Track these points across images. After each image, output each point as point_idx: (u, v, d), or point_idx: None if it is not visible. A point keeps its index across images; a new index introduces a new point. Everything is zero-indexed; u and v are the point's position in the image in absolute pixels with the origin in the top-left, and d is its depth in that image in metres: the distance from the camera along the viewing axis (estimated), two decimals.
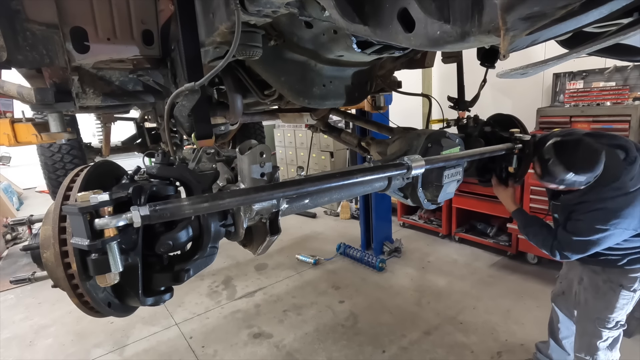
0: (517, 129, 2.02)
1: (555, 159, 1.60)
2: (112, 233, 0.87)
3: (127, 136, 3.59)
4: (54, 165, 2.68)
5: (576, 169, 1.57)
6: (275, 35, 1.40)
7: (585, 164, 1.57)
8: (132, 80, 1.61)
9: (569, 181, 1.60)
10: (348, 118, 2.81)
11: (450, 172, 1.63)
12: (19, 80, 1.46)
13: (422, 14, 0.64)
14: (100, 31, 1.22)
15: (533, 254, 3.72)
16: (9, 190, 6.83)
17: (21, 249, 1.13)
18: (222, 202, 1.02)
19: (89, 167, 1.03)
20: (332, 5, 0.73)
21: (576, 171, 1.57)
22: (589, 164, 1.56)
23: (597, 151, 1.57)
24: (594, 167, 1.56)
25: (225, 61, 1.02)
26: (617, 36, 0.60)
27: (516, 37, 0.50)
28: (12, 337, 3.09)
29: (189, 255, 1.16)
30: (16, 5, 1.05)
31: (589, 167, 1.56)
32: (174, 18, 1.24)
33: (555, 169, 1.61)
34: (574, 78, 3.77)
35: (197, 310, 3.33)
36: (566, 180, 1.60)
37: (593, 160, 1.56)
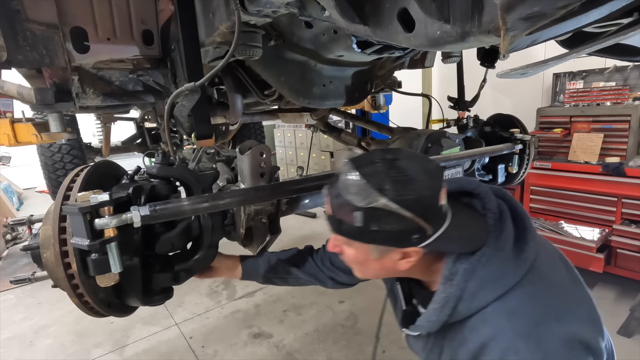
0: (517, 129, 2.02)
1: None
2: (112, 233, 0.88)
3: (127, 136, 3.59)
4: (54, 165, 2.68)
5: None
6: (275, 35, 1.40)
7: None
8: (132, 80, 1.61)
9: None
10: (348, 118, 2.82)
11: (450, 172, 1.63)
12: (19, 80, 1.46)
13: (422, 14, 0.64)
14: (100, 31, 1.22)
15: None
16: (9, 190, 6.83)
17: (21, 249, 1.13)
18: (222, 202, 1.02)
19: (89, 167, 1.03)
20: (332, 5, 0.73)
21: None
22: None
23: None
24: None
25: (225, 61, 1.02)
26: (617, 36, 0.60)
27: (516, 37, 0.50)
28: (12, 337, 3.09)
29: (189, 255, 1.16)
30: (16, 5, 1.04)
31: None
32: (174, 18, 1.24)
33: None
34: (574, 78, 3.77)
35: (197, 310, 3.32)
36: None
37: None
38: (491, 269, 0.75)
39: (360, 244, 0.77)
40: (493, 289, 0.74)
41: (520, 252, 0.77)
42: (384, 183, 0.70)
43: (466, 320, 0.76)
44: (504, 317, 0.72)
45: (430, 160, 0.78)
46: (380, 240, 0.74)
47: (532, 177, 3.54)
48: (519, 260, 0.76)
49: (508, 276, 0.75)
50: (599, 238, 3.08)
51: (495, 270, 0.75)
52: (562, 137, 3.52)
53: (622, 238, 3.04)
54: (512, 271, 0.75)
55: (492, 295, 0.74)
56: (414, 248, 0.75)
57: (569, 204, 3.40)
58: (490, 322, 0.72)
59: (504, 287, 0.74)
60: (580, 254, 3.10)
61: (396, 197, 0.69)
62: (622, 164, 3.04)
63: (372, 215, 0.70)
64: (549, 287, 0.76)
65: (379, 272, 0.85)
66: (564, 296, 0.76)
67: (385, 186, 0.69)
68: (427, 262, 0.81)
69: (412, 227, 0.71)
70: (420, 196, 0.70)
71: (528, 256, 0.77)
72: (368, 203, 0.69)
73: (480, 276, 0.75)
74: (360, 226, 0.72)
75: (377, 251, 0.77)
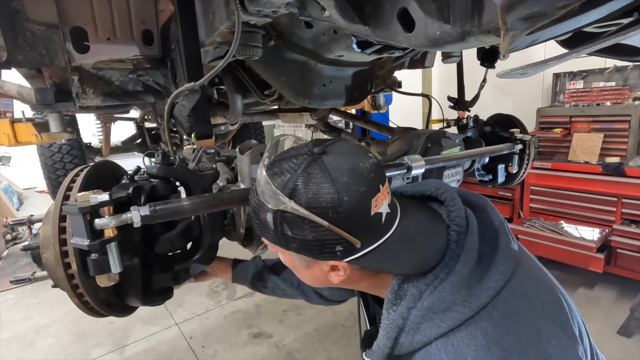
0: (517, 129, 2.02)
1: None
2: (112, 233, 0.87)
3: (127, 136, 3.59)
4: (54, 165, 2.68)
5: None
6: (275, 35, 1.40)
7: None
8: (132, 80, 1.61)
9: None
10: (348, 118, 2.82)
11: (450, 172, 1.63)
12: (19, 80, 1.46)
13: (422, 14, 0.64)
14: (100, 31, 1.22)
15: (533, 254, 3.71)
16: (9, 190, 6.83)
17: (21, 249, 1.13)
18: (222, 202, 1.02)
19: (89, 167, 1.03)
20: (332, 5, 0.73)
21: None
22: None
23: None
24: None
25: (225, 61, 1.02)
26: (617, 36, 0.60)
27: (516, 37, 0.50)
28: (12, 337, 3.09)
29: (189, 255, 1.16)
30: (16, 5, 1.04)
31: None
32: (174, 18, 1.24)
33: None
34: (574, 78, 3.77)
35: (197, 310, 3.32)
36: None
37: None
38: (440, 296, 0.60)
39: (282, 249, 0.65)
40: (439, 322, 0.59)
41: (481, 279, 0.61)
42: (296, 183, 0.58)
43: (412, 355, 0.62)
44: (447, 358, 0.58)
45: (366, 158, 0.62)
46: (298, 249, 0.62)
47: (532, 177, 3.54)
48: (478, 289, 0.60)
49: (460, 308, 0.59)
50: (599, 238, 3.08)
51: (445, 299, 0.60)
52: (562, 137, 3.52)
53: (622, 238, 3.04)
54: (465, 302, 0.59)
55: (437, 330, 0.59)
56: (340, 262, 0.63)
57: (569, 204, 3.40)
58: None
59: (452, 320, 0.59)
60: (580, 254, 3.10)
61: (307, 201, 0.57)
62: (622, 164, 3.04)
63: (283, 220, 0.59)
64: (514, 325, 0.58)
65: (316, 282, 0.72)
66: (530, 342, 0.57)
67: (297, 187, 0.57)
68: (370, 278, 0.68)
69: (332, 238, 0.58)
70: (342, 202, 0.57)
71: (492, 284, 0.61)
72: (276, 205, 0.59)
73: (426, 305, 0.60)
74: (274, 230, 0.61)
75: (300, 259, 0.65)
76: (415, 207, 0.68)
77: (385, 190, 0.61)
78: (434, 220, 0.68)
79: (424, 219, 0.68)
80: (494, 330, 0.57)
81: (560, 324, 0.63)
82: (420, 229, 0.66)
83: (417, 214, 0.68)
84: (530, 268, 0.69)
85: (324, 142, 0.64)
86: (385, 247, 0.61)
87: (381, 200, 0.60)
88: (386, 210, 0.61)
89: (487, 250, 0.65)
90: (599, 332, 2.68)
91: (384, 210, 0.61)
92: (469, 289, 0.60)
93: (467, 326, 0.58)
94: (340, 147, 0.63)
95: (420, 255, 0.64)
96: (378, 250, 0.61)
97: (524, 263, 0.68)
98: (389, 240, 0.62)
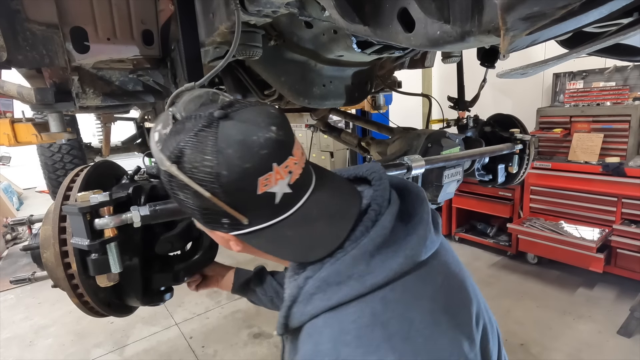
0: (517, 129, 2.02)
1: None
2: (112, 233, 0.88)
3: (127, 136, 3.59)
4: (54, 165, 2.68)
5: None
6: (275, 35, 1.40)
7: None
8: (132, 80, 1.61)
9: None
10: (348, 118, 2.82)
11: (450, 172, 1.63)
12: (19, 80, 1.46)
13: (422, 14, 0.64)
14: (100, 31, 1.22)
15: (533, 254, 3.72)
16: (9, 190, 6.83)
17: (21, 249, 1.13)
18: None
19: (89, 167, 1.03)
20: (332, 5, 0.73)
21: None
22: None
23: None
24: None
25: (226, 61, 1.02)
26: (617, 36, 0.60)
27: (516, 37, 0.50)
28: (12, 337, 3.09)
29: (189, 255, 1.16)
30: (16, 5, 1.04)
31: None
32: (174, 18, 1.24)
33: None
34: (574, 78, 3.77)
35: (197, 310, 3.32)
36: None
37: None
38: (337, 269, 0.57)
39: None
40: (331, 295, 0.56)
41: (386, 259, 0.57)
42: (184, 147, 0.54)
43: (302, 329, 0.59)
44: (329, 335, 0.54)
45: (264, 131, 0.55)
46: (190, 213, 0.59)
47: (532, 177, 3.54)
48: (378, 267, 0.56)
49: (354, 283, 0.56)
50: (599, 238, 3.08)
51: (341, 273, 0.56)
52: (562, 137, 3.52)
53: (622, 238, 3.04)
54: (360, 277, 0.56)
55: (327, 302, 0.56)
56: (229, 235, 0.60)
57: (569, 204, 3.40)
58: (313, 338, 0.56)
59: (344, 295, 0.55)
60: (580, 254, 3.10)
61: (189, 169, 0.53)
62: (622, 164, 3.04)
63: (170, 181, 0.56)
64: (407, 311, 0.55)
65: (225, 245, 0.67)
66: (422, 332, 0.54)
67: (184, 152, 0.54)
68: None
69: (217, 210, 0.55)
70: (220, 175, 0.52)
71: (394, 266, 0.57)
72: (161, 165, 0.55)
73: (323, 277, 0.57)
74: (169, 189, 0.58)
75: (198, 223, 0.63)
76: (334, 191, 0.63)
77: (282, 169, 0.55)
78: (350, 205, 0.62)
79: (338, 203, 0.62)
80: (383, 312, 0.54)
81: (459, 323, 0.60)
82: (325, 214, 0.60)
83: (331, 198, 0.62)
84: (447, 263, 0.66)
85: (235, 104, 0.58)
86: (276, 229, 0.58)
87: (275, 180, 0.54)
88: (284, 191, 0.56)
89: (402, 234, 0.61)
90: (599, 332, 2.68)
91: (280, 191, 0.55)
92: (368, 266, 0.56)
93: (359, 303, 0.55)
94: (246, 113, 0.56)
95: (311, 243, 0.59)
96: (267, 230, 0.58)
97: (441, 257, 0.65)
98: (282, 222, 0.58)
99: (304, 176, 0.59)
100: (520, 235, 3.59)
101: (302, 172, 0.59)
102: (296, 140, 0.60)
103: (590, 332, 2.69)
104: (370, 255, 0.57)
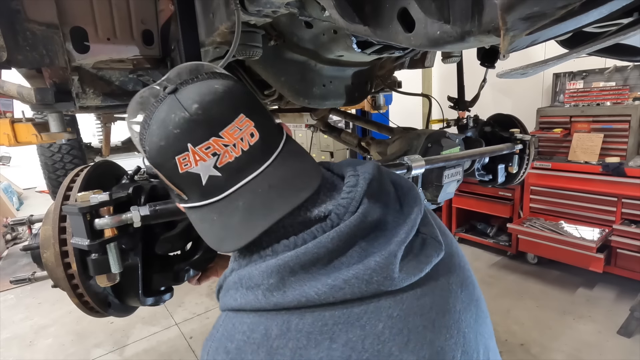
0: (517, 129, 2.02)
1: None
2: (112, 233, 0.88)
3: (127, 136, 3.59)
4: (54, 165, 2.68)
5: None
6: (275, 35, 1.40)
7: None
8: (132, 80, 1.61)
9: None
10: (348, 118, 2.82)
11: (450, 172, 1.63)
12: (19, 80, 1.46)
13: (422, 14, 0.64)
14: (100, 31, 1.22)
15: (533, 254, 3.72)
16: (9, 190, 6.83)
17: (21, 249, 1.13)
18: None
19: (89, 167, 1.03)
20: (332, 5, 0.73)
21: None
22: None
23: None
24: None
25: (226, 61, 1.02)
26: (617, 36, 0.60)
27: (516, 37, 0.50)
28: (12, 337, 3.09)
29: (189, 255, 1.16)
30: (16, 5, 1.04)
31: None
32: (174, 18, 1.24)
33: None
34: (574, 78, 3.77)
35: (197, 310, 3.32)
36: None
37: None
38: (252, 273, 0.53)
39: None
40: (237, 296, 0.54)
41: (306, 280, 0.50)
42: (142, 114, 0.56)
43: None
44: (219, 335, 0.53)
45: (181, 110, 0.53)
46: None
47: (532, 177, 3.54)
48: (292, 288, 0.50)
49: (259, 295, 0.51)
50: (599, 238, 3.08)
51: (254, 278, 0.52)
52: (562, 137, 3.52)
53: (622, 238, 3.04)
54: (268, 291, 0.51)
55: (233, 302, 0.54)
56: (180, 206, 0.62)
57: (569, 204, 3.40)
58: (212, 330, 0.55)
59: (246, 302, 0.52)
60: (580, 254, 3.10)
61: (139, 137, 0.56)
62: (622, 164, 3.04)
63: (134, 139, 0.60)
64: (306, 347, 0.48)
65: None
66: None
67: (142, 119, 0.56)
68: None
69: (165, 182, 0.59)
70: (146, 150, 0.55)
71: (310, 291, 0.49)
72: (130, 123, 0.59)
73: (241, 275, 0.54)
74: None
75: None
76: (283, 183, 0.56)
77: (200, 151, 0.53)
78: (286, 203, 0.54)
79: (273, 198, 0.54)
80: (277, 337, 0.49)
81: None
82: (253, 206, 0.54)
83: (271, 191, 0.55)
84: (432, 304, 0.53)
85: (195, 78, 0.57)
86: (206, 211, 0.56)
87: (194, 161, 0.53)
88: (210, 173, 0.54)
89: (356, 256, 0.52)
90: (599, 332, 2.68)
91: (204, 172, 0.54)
92: (282, 282, 0.50)
93: (258, 317, 0.51)
94: (191, 88, 0.55)
95: (227, 233, 0.55)
96: (199, 210, 0.57)
97: (424, 296, 0.53)
98: (211, 205, 0.56)
99: (241, 161, 0.54)
100: (520, 235, 3.58)
101: (241, 156, 0.54)
102: (237, 121, 0.54)
103: (590, 332, 2.69)
104: (290, 272, 0.50)
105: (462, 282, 0.59)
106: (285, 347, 0.48)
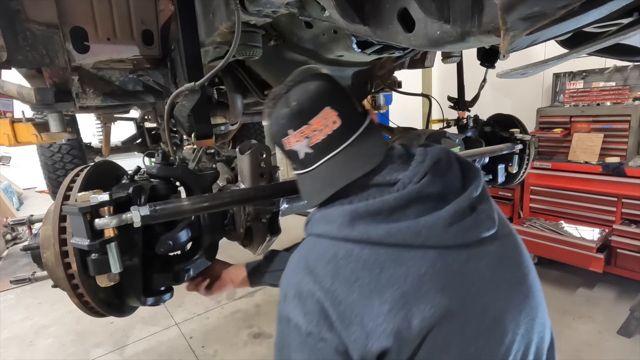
0: (517, 129, 2.02)
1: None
2: (112, 233, 0.88)
3: (127, 136, 3.59)
4: (54, 165, 2.68)
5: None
6: (275, 35, 1.40)
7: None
8: (132, 80, 1.61)
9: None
10: None
11: None
12: (19, 80, 1.46)
13: (422, 14, 0.64)
14: (100, 31, 1.22)
15: (533, 254, 3.72)
16: (9, 190, 6.83)
17: (21, 249, 1.13)
18: (222, 202, 1.02)
19: (89, 167, 1.03)
20: (332, 5, 0.73)
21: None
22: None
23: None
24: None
25: (226, 61, 1.02)
26: (617, 36, 0.60)
27: (516, 37, 0.50)
28: (12, 337, 3.09)
29: (189, 255, 1.16)
30: (16, 5, 1.04)
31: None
32: (174, 18, 1.24)
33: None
34: (574, 78, 3.77)
35: (197, 310, 3.32)
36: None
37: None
38: (331, 212, 0.71)
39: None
40: (318, 226, 0.73)
41: (370, 223, 0.66)
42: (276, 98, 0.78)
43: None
44: (301, 250, 0.73)
45: (286, 106, 0.74)
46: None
47: (532, 177, 3.54)
48: (358, 226, 0.66)
49: (334, 226, 0.68)
50: (599, 238, 3.08)
51: (332, 215, 0.70)
52: (562, 137, 3.52)
53: (622, 238, 3.04)
54: (342, 225, 0.67)
55: (314, 229, 0.73)
56: (295, 172, 0.81)
57: (569, 204, 3.40)
58: (299, 247, 0.75)
59: (323, 230, 0.71)
60: (580, 254, 3.10)
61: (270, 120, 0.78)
62: (622, 164, 3.04)
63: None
64: (362, 269, 0.63)
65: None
66: (362, 284, 0.62)
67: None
68: None
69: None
70: (271, 133, 0.79)
71: (372, 232, 0.65)
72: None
73: (324, 213, 0.73)
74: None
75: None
76: (354, 159, 0.73)
77: (297, 135, 0.73)
78: (357, 170, 0.72)
79: (346, 169, 0.72)
80: (342, 258, 0.65)
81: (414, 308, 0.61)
82: (332, 174, 0.73)
83: (345, 164, 0.73)
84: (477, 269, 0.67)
85: (300, 79, 0.77)
86: (304, 176, 0.77)
87: (293, 142, 0.74)
88: (305, 151, 0.74)
89: (413, 212, 0.66)
90: (599, 332, 2.68)
91: (301, 150, 0.74)
92: (352, 221, 0.67)
93: (331, 241, 0.68)
94: (294, 90, 0.75)
95: (313, 193, 0.75)
96: (300, 176, 0.78)
97: (480, 260, 0.67)
98: (307, 173, 0.75)
99: (326, 142, 0.72)
100: (520, 236, 3.58)
101: (326, 138, 0.72)
102: (323, 112, 0.72)
103: (590, 332, 2.69)
104: (359, 216, 0.67)
105: (512, 262, 0.75)
106: (347, 267, 0.64)
